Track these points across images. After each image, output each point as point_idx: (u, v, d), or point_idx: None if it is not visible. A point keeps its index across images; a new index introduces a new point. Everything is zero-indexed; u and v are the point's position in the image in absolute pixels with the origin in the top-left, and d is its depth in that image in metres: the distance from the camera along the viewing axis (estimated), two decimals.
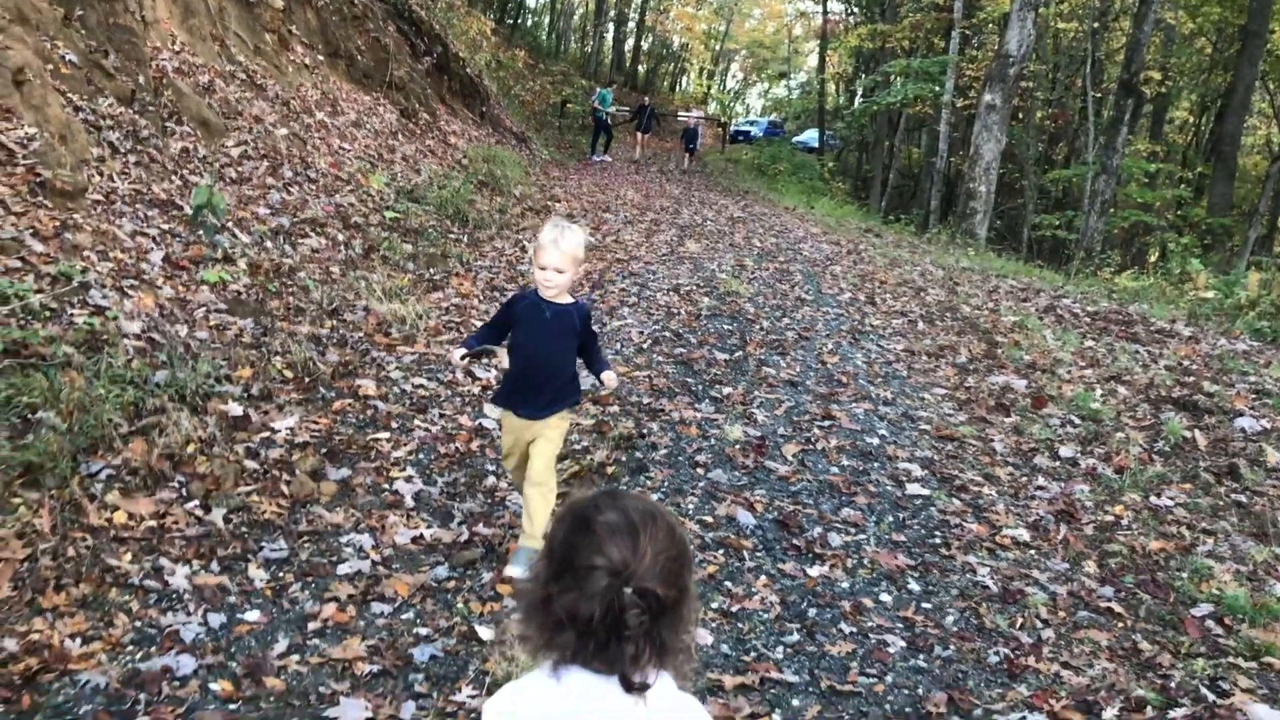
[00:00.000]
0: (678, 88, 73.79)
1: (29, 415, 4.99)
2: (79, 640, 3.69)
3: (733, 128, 53.49)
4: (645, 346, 8.40)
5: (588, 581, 1.57)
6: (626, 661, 1.59)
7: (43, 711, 3.33)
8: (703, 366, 7.95)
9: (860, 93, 49.62)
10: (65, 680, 3.49)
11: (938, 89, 27.66)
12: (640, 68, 61.77)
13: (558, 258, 4.01)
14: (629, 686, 1.60)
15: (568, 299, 4.22)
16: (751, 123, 61.75)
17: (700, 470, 5.87)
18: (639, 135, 30.94)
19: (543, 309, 4.16)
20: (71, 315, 6.07)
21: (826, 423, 6.90)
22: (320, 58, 15.66)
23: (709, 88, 77.25)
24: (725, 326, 9.25)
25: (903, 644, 4.24)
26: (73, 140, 8.13)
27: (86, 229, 7.22)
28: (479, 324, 8.17)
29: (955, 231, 20.77)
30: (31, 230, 6.66)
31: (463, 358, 4.41)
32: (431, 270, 10.09)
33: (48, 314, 5.95)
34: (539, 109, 33.19)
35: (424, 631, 4.03)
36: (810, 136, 52.17)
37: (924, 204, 30.24)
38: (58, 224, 6.99)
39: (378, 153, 14.31)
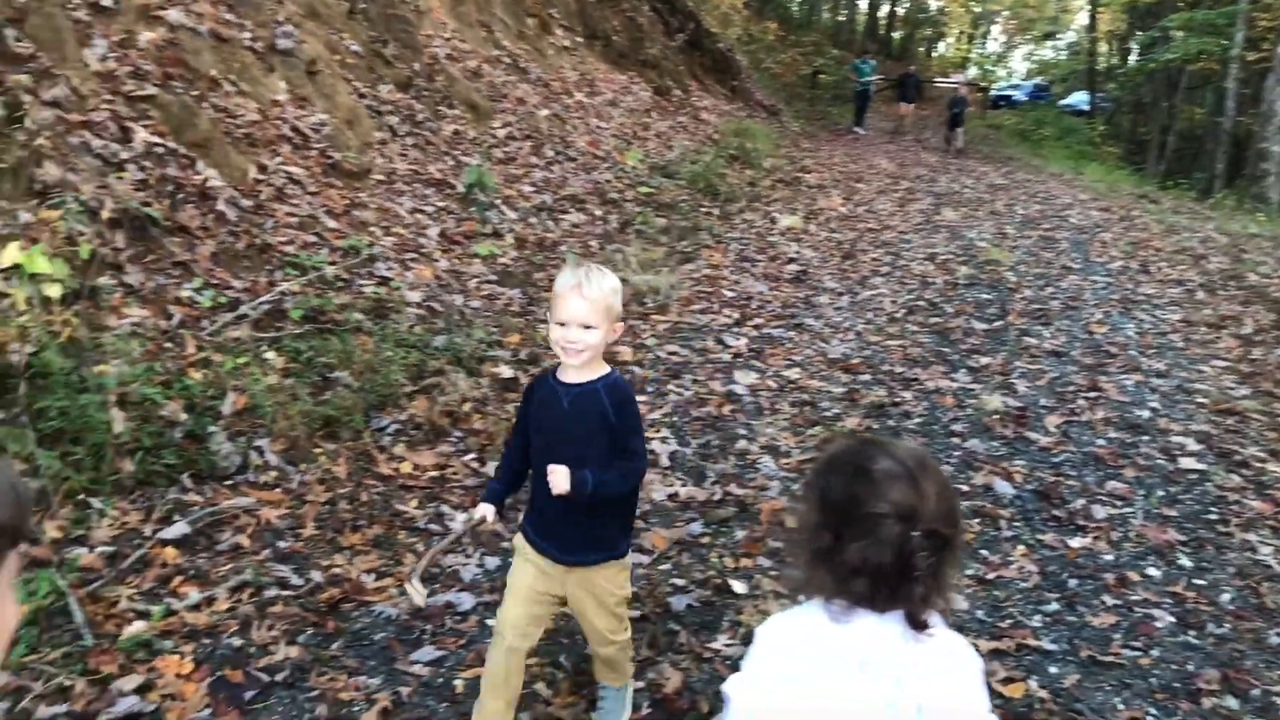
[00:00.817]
0: (934, 53, 71.37)
1: (327, 374, 5.51)
2: (373, 575, 4.08)
3: (993, 93, 51.25)
4: (898, 316, 8.28)
5: (878, 529, 1.60)
6: (915, 601, 1.63)
7: (344, 636, 3.71)
8: (959, 336, 7.76)
9: (1135, 50, 46.39)
10: (362, 610, 3.87)
11: (1225, 43, 25.52)
12: (895, 34, 60.16)
13: (584, 310, 2.68)
14: (917, 625, 1.64)
15: (596, 371, 2.80)
16: (1014, 87, 58.93)
17: (956, 439, 5.77)
18: (903, 106, 27.79)
19: (559, 395, 2.80)
20: (361, 285, 6.62)
21: (1093, 394, 6.60)
22: (578, 39, 16.20)
23: (968, 52, 74.30)
24: (984, 296, 8.98)
25: (1171, 619, 4.05)
26: (358, 125, 8.81)
27: (371, 206, 7.83)
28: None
29: (1243, 196, 19.17)
30: (325, 208, 7.29)
31: (483, 520, 2.99)
32: (684, 243, 10.30)
33: (340, 284, 6.51)
34: (789, 81, 32.96)
35: (680, 582, 4.20)
36: (1079, 99, 49.25)
37: (1207, 167, 28.02)
38: (347, 202, 7.62)
39: (632, 130, 14.69)
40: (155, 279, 5.51)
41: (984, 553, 4.55)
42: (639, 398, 5.97)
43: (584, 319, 2.69)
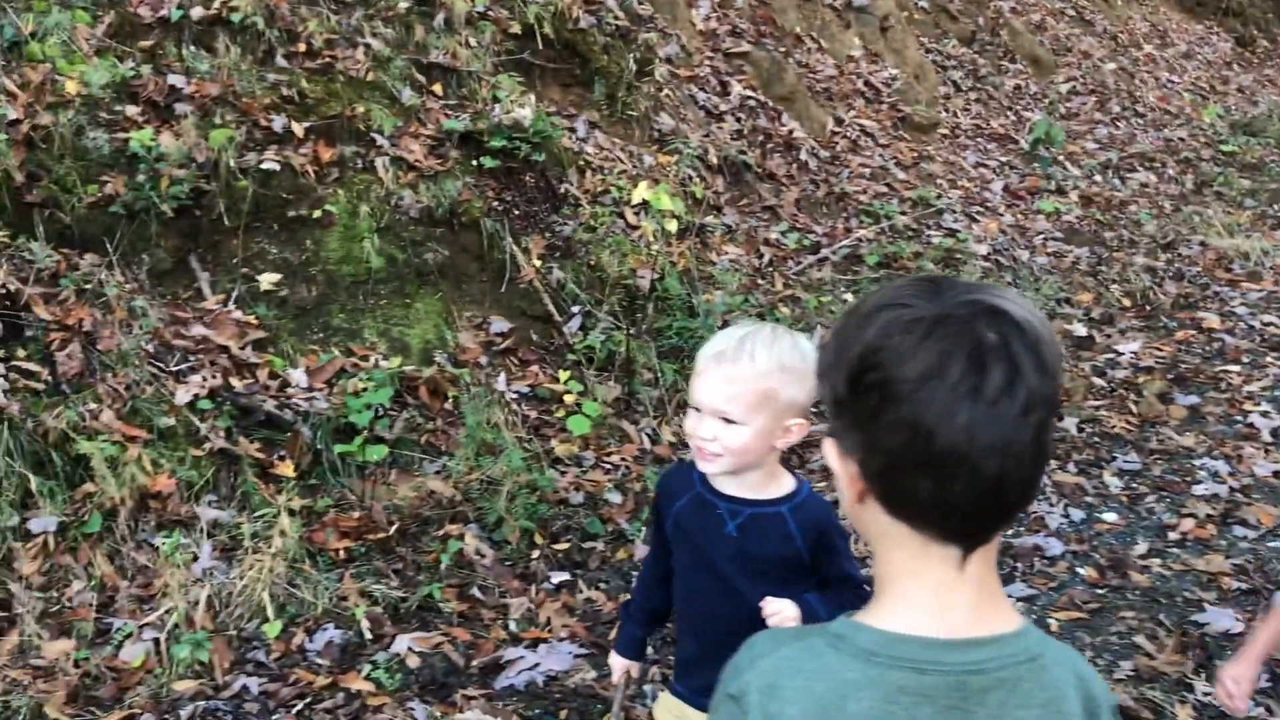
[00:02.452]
0: None
1: None
2: None
3: None
4: None
5: None
6: None
7: None
8: None
9: None
10: None
11: None
12: None
13: (723, 395, 1.81)
14: None
15: (775, 486, 1.93)
16: None
17: None
18: None
19: (720, 516, 1.92)
20: (929, 236, 6.69)
21: None
22: None
23: None
24: None
25: None
26: (924, 79, 8.86)
27: (938, 160, 7.85)
28: None
29: None
30: (895, 160, 7.44)
31: (629, 682, 2.22)
32: (1275, 206, 9.22)
33: (910, 233, 6.62)
34: None
35: None
36: None
37: None
38: (915, 155, 7.70)
39: (1209, 84, 13.35)
40: (748, 220, 5.95)
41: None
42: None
43: (721, 408, 1.80)
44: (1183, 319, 6.33)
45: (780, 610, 1.81)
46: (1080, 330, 5.90)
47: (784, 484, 1.92)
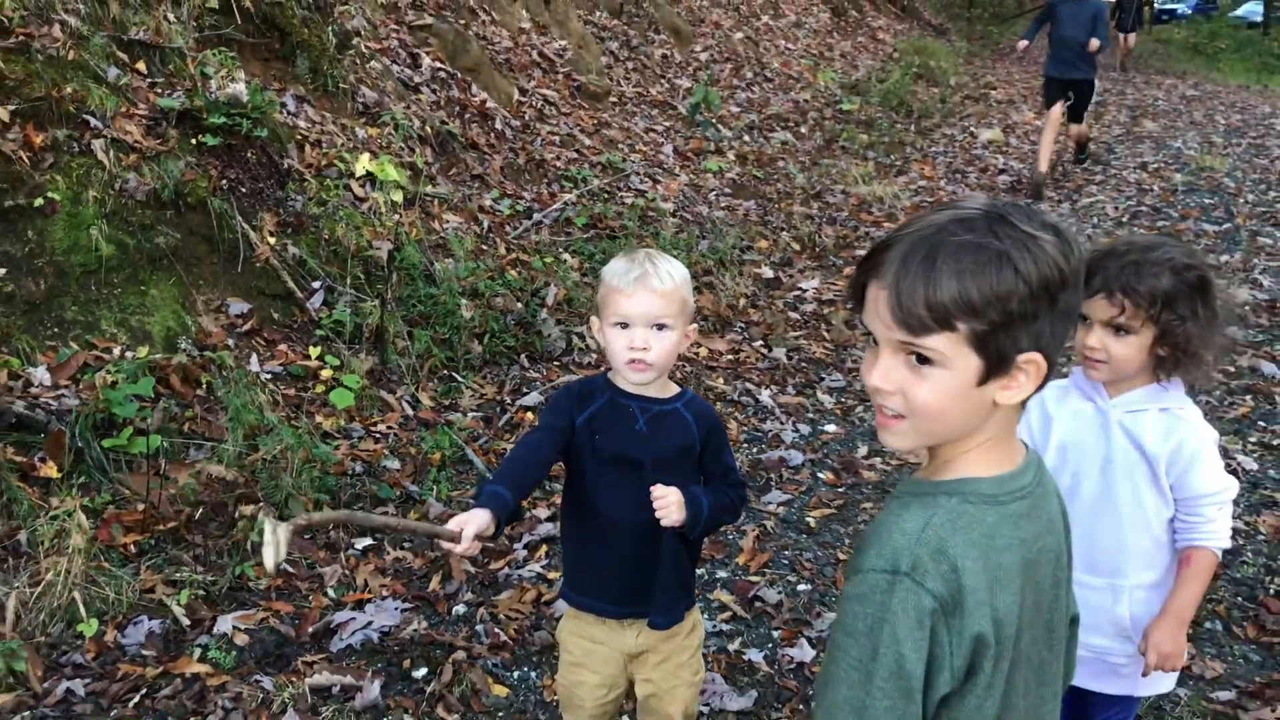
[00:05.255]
0: None
1: None
2: None
3: (1157, 5, 48.80)
4: (1123, 221, 8.41)
5: None
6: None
7: None
8: (1190, 238, 7.87)
9: None
10: None
11: None
12: None
13: (656, 306, 2.07)
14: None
15: (669, 388, 2.22)
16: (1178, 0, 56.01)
17: None
18: (1121, 38, 20.40)
19: (631, 412, 2.17)
20: (623, 197, 7.14)
21: None
22: None
23: None
24: (1206, 200, 9.00)
25: None
26: (588, 49, 9.30)
27: (614, 126, 8.33)
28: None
29: None
30: (579, 127, 7.82)
31: (489, 537, 1.94)
32: (891, 157, 10.53)
33: (605, 195, 7.04)
34: (949, 1, 32.22)
35: None
36: (1251, 10, 46.55)
37: None
38: (595, 122, 8.13)
39: (818, 51, 14.85)
40: (461, 189, 6.11)
41: (1262, 424, 4.82)
42: None
43: (658, 316, 2.06)
44: (845, 257, 7.20)
45: (665, 495, 2.05)
46: (768, 273, 6.58)
47: (674, 388, 2.23)
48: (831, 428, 4.80)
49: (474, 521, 1.87)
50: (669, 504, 2.05)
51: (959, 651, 1.21)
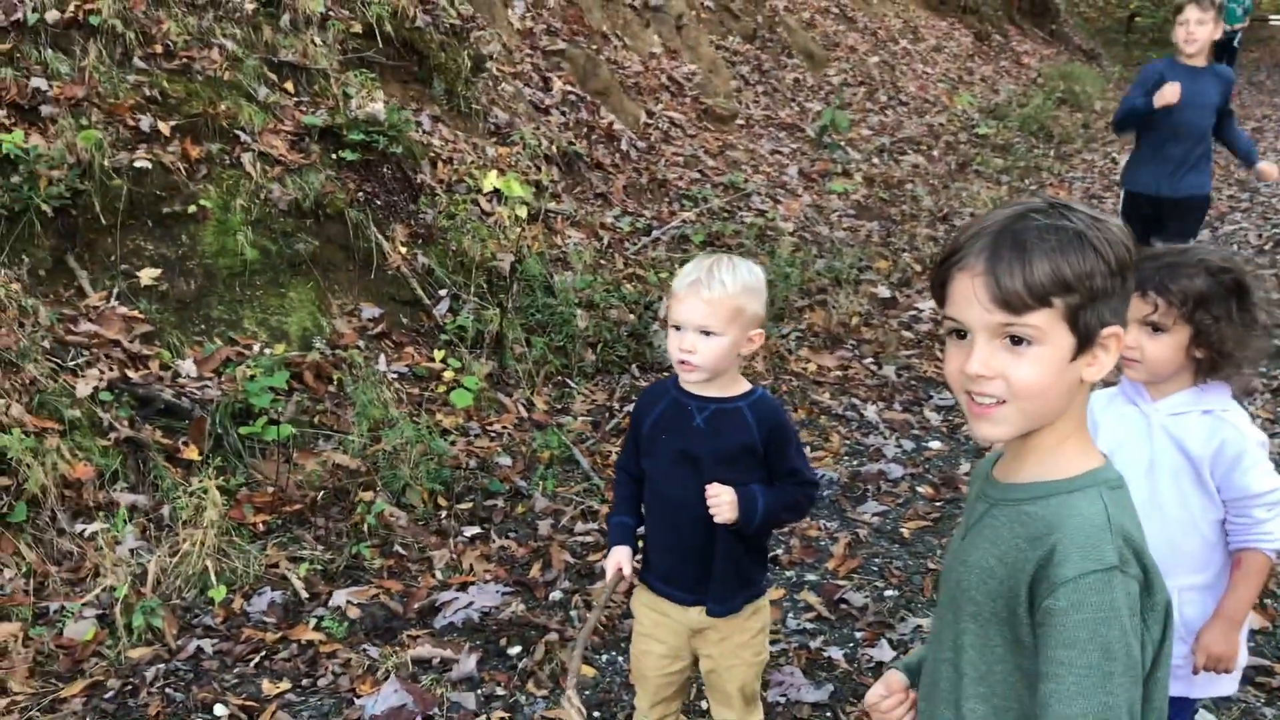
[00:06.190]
0: None
1: None
2: (808, 448, 4.70)
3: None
4: (1265, 248, 8.14)
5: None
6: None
7: None
8: None
9: None
10: None
11: None
12: None
13: (702, 313, 2.19)
14: None
15: (736, 388, 2.31)
16: None
17: None
18: None
19: (688, 411, 2.31)
20: (742, 216, 7.28)
21: None
22: None
23: None
24: None
25: None
26: (718, 74, 9.50)
27: (739, 148, 8.49)
28: None
29: None
30: (703, 149, 8.01)
31: (620, 576, 2.39)
32: (1026, 181, 10.40)
33: (725, 214, 7.20)
34: (1104, 25, 31.37)
35: None
36: None
37: None
38: (720, 144, 8.31)
39: (957, 75, 14.72)
40: (584, 206, 6.36)
41: None
42: None
43: (701, 324, 2.17)
44: None
45: (719, 494, 2.18)
46: (885, 293, 6.62)
47: (744, 386, 2.32)
48: (936, 444, 4.84)
49: (619, 559, 2.37)
50: (721, 502, 2.18)
51: (1155, 625, 1.29)
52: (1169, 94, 4.97)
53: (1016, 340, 1.28)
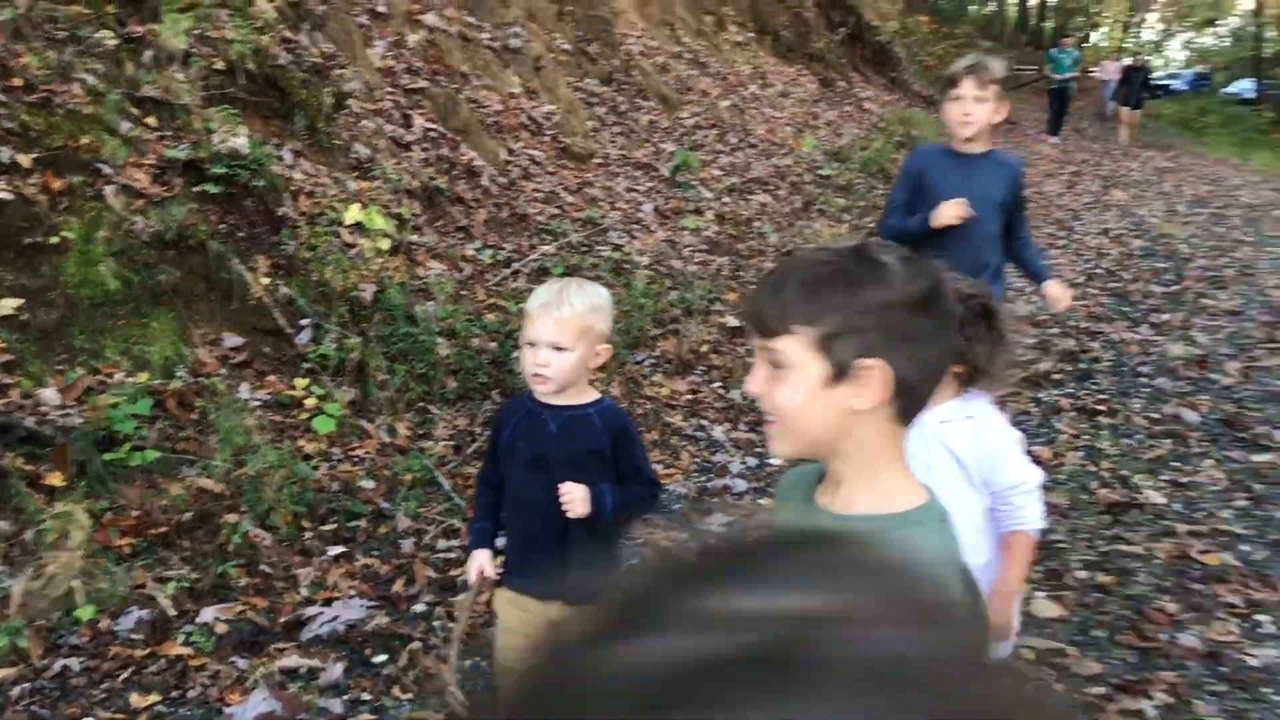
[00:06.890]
0: (1085, 44, 69.57)
1: None
2: (660, 465, 5.00)
3: (1151, 81, 49.81)
4: (1079, 282, 8.86)
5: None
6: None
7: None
8: (1139, 298, 8.32)
9: None
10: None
11: None
12: (1046, 24, 59.06)
13: (553, 331, 2.43)
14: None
15: (586, 396, 2.58)
16: (1172, 76, 57.23)
17: (1144, 379, 6.40)
18: (1124, 112, 21.59)
19: (543, 420, 2.56)
20: (599, 250, 7.59)
21: (1271, 344, 7.11)
22: (750, 35, 17.03)
23: (1122, 41, 72.24)
24: (1159, 265, 9.47)
25: None
26: (575, 114, 9.83)
27: (597, 185, 8.81)
28: None
29: None
30: (562, 186, 8.30)
31: (483, 578, 2.70)
32: (865, 219, 11.02)
33: (584, 248, 7.49)
34: (942, 73, 33.14)
35: None
36: (1243, 86, 47.63)
37: None
38: (579, 181, 8.62)
39: (804, 119, 15.44)
40: (446, 239, 6.57)
41: (1176, 464, 5.20)
42: None
43: (553, 340, 2.42)
44: None
45: (571, 491, 2.43)
46: (733, 322, 7.01)
47: (593, 396, 2.61)
48: (777, 461, 5.19)
49: (480, 561, 2.63)
50: (575, 499, 2.44)
51: None
52: (948, 213, 3.80)
53: (777, 364, 1.37)
